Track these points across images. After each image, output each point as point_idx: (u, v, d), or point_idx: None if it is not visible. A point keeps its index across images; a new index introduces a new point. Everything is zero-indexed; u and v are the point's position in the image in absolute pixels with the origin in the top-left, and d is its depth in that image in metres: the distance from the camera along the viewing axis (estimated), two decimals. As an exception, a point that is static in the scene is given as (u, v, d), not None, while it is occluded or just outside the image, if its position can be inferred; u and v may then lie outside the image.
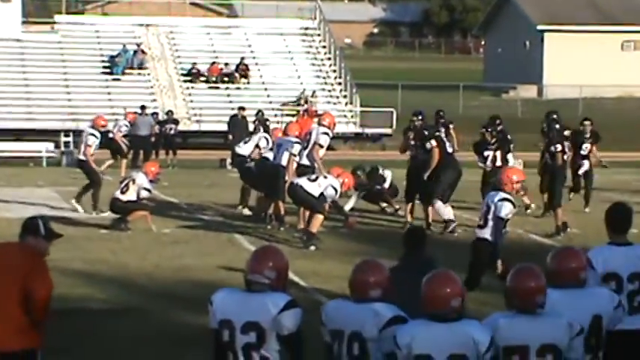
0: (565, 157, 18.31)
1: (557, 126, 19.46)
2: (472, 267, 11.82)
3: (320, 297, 11.98)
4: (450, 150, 17.99)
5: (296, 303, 6.10)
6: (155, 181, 18.03)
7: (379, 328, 6.00)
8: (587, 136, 20.57)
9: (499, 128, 19.20)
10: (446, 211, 17.46)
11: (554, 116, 19.96)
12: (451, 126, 22.27)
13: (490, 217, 11.57)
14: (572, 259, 6.48)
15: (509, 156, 19.19)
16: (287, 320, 6.02)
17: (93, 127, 20.54)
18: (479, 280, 11.58)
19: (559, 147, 18.17)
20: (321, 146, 17.34)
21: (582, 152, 20.36)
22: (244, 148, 19.69)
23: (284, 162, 17.36)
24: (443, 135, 18.35)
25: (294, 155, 17.28)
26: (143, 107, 33.69)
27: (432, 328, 5.83)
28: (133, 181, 17.56)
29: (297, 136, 17.69)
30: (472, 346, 5.80)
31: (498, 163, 18.30)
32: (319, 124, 17.76)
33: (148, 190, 17.69)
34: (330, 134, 17.50)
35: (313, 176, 16.35)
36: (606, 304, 6.47)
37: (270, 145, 18.87)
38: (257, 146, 19.40)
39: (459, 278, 6.01)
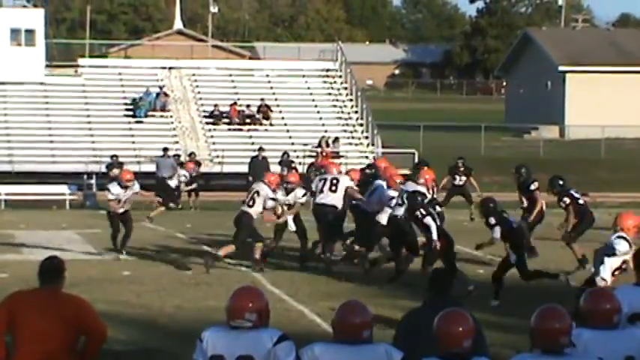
0: (581, 201, 17.93)
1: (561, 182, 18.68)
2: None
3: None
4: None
5: (288, 336, 6.17)
6: (276, 190, 17.87)
7: None
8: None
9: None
10: None
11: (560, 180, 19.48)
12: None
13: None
14: (606, 300, 6.42)
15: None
16: (282, 352, 6.11)
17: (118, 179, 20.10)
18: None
19: (567, 200, 17.76)
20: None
21: None
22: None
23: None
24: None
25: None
26: (165, 149, 33.85)
27: None
28: (257, 193, 17.56)
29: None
30: None
31: None
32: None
33: (274, 200, 17.67)
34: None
35: None
36: (639, 345, 6.39)
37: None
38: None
39: (471, 317, 6.01)
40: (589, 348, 6.11)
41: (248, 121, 41.60)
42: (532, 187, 18.50)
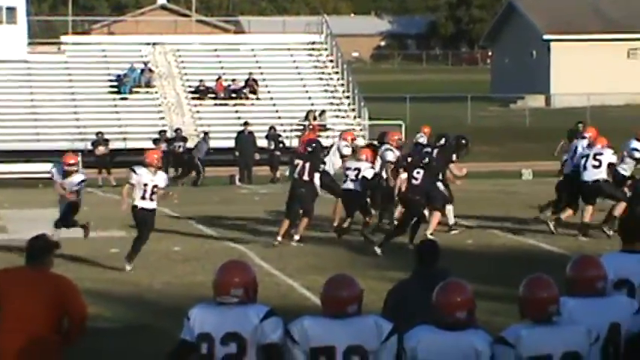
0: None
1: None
2: None
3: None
4: None
5: (276, 312, 6.13)
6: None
7: (381, 340, 6.00)
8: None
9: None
10: None
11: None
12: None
13: None
14: (591, 267, 6.43)
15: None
16: (269, 328, 6.07)
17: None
18: None
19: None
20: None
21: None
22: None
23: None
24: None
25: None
26: (206, 134, 35.27)
27: (437, 335, 5.90)
28: None
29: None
30: (473, 355, 5.87)
31: None
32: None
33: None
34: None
35: None
36: (624, 312, 6.43)
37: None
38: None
39: (470, 289, 6.01)
40: (574, 316, 6.14)
41: (234, 95, 41.47)
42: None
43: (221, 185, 31.77)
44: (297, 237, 17.31)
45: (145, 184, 15.37)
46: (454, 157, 18.05)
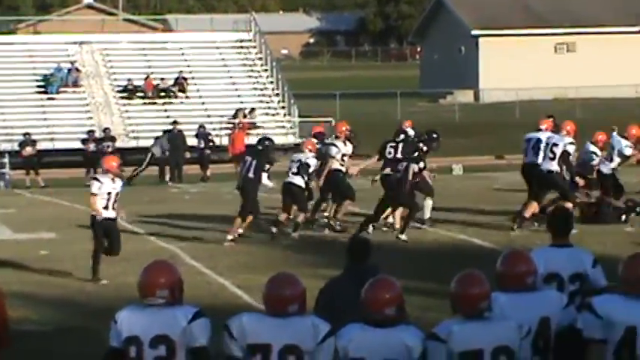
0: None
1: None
2: None
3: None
4: None
5: (204, 313, 6.09)
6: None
7: (317, 341, 5.96)
8: None
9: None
10: None
11: None
12: None
13: None
14: (521, 263, 6.47)
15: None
16: (197, 330, 6.03)
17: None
18: None
19: None
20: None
21: None
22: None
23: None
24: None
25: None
26: (164, 132, 33.90)
27: (368, 332, 5.90)
28: None
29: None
30: (404, 352, 5.87)
31: None
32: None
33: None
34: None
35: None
36: (554, 306, 6.49)
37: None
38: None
39: (398, 285, 6.01)
40: (505, 311, 6.18)
41: (163, 94, 41.17)
42: None
43: (150, 185, 31.50)
44: (229, 237, 17.24)
45: (109, 193, 14.59)
46: (424, 148, 18.31)
